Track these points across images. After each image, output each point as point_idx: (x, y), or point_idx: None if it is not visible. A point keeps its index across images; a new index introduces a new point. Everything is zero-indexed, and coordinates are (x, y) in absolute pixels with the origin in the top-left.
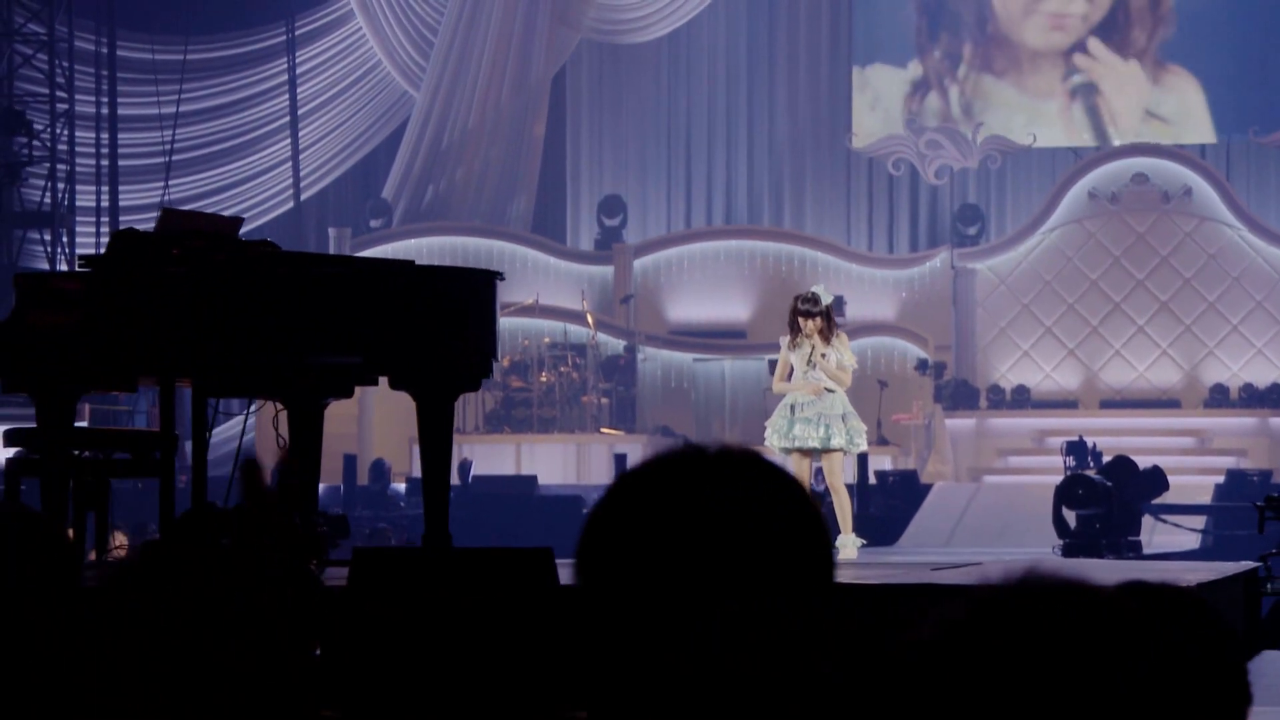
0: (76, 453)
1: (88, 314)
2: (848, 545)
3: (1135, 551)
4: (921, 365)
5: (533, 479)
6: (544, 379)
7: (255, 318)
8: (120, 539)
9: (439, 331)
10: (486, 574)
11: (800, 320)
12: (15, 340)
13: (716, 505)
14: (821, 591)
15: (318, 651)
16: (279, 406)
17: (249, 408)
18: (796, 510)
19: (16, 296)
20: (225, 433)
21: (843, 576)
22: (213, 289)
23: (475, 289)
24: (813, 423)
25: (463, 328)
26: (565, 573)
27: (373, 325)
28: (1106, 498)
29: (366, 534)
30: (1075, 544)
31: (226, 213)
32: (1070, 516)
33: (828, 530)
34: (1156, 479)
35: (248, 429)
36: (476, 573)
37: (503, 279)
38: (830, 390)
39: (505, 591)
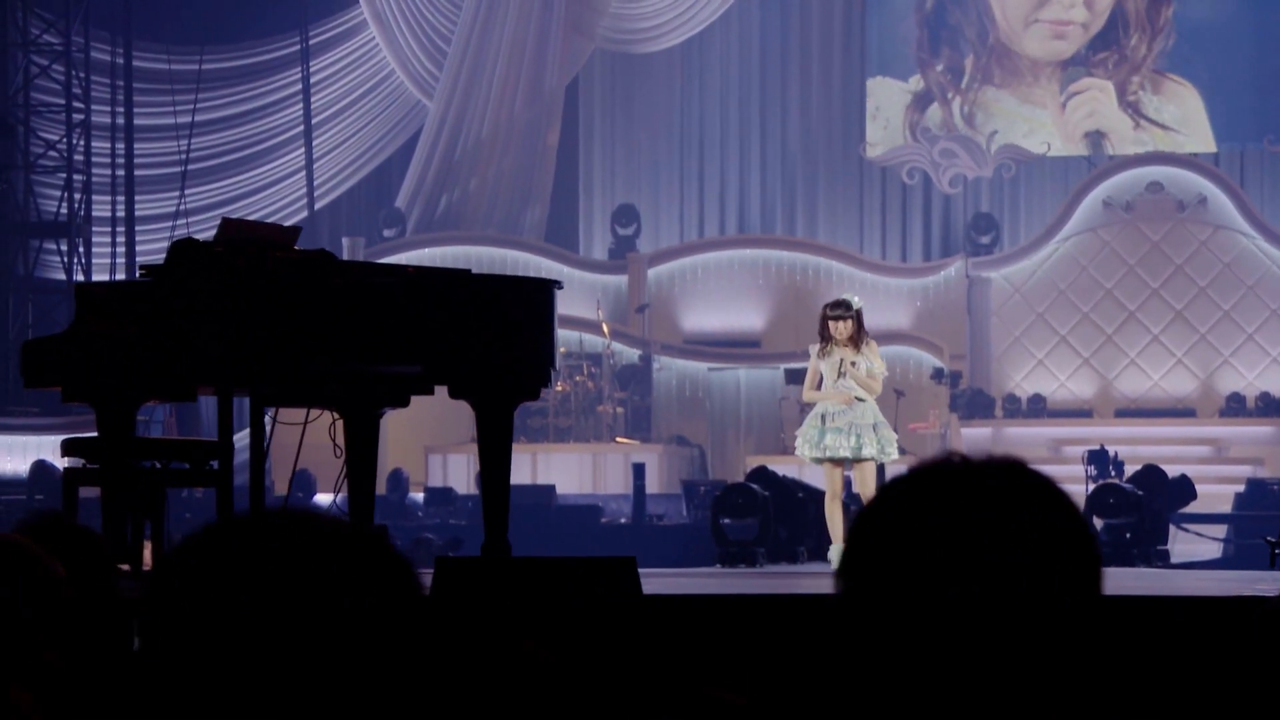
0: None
1: (148, 323)
2: None
3: (1164, 561)
4: (937, 374)
5: (551, 489)
6: (560, 388)
7: (314, 327)
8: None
9: (498, 340)
10: (570, 582)
11: (831, 324)
12: (76, 350)
13: (986, 514)
14: (1089, 603)
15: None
16: (335, 415)
17: (308, 417)
18: (1064, 521)
19: (77, 306)
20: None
21: None
22: (271, 298)
23: (534, 297)
24: (844, 432)
25: (522, 336)
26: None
27: (432, 334)
28: (1137, 507)
29: (413, 543)
30: (1106, 553)
31: None
32: (1096, 525)
33: (1097, 541)
34: (1185, 488)
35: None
36: (560, 581)
37: (561, 288)
38: (861, 399)
39: (589, 600)
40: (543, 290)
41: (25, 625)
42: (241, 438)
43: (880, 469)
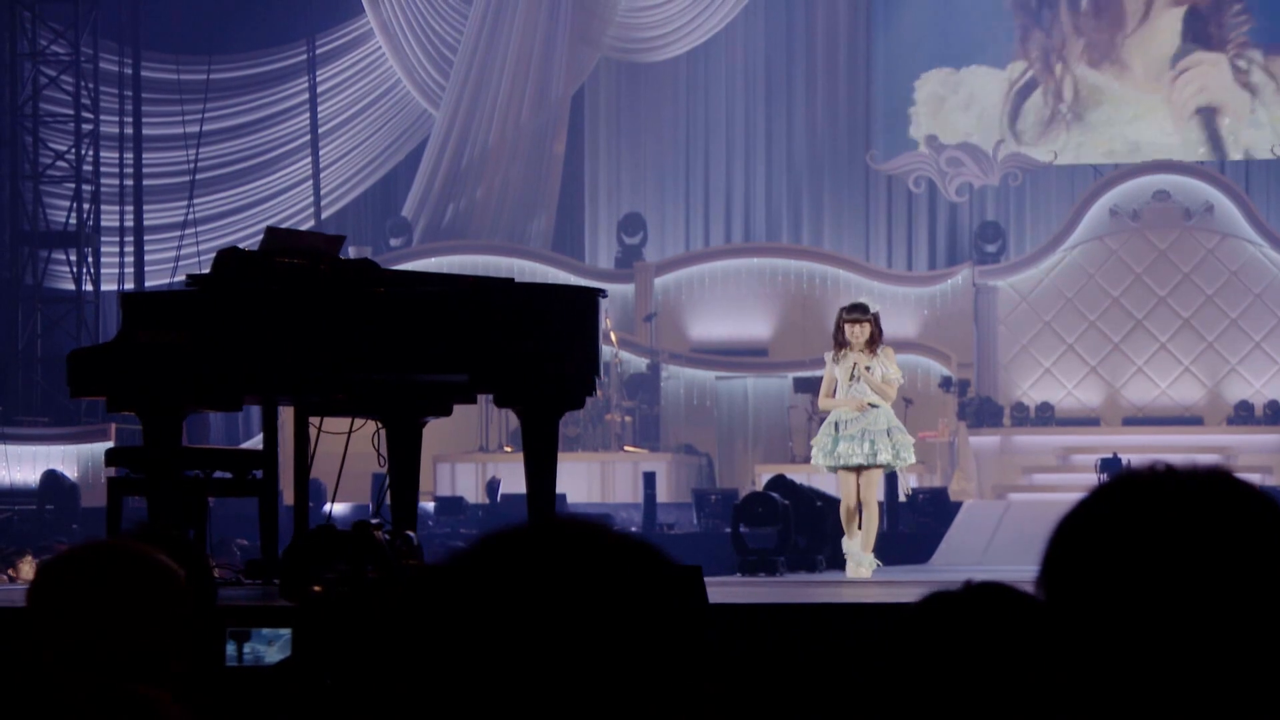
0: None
1: (194, 333)
2: (864, 564)
3: None
4: (945, 383)
5: (562, 498)
6: None
7: (359, 336)
8: None
9: (543, 348)
10: None
11: (847, 328)
12: (123, 359)
13: (1195, 523)
14: None
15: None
16: (378, 425)
17: (355, 428)
18: (1275, 530)
19: (124, 315)
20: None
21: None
22: (316, 308)
23: (578, 306)
24: (857, 439)
25: (567, 344)
26: None
27: (477, 343)
28: None
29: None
30: None
31: (249, 230)
32: None
33: None
34: None
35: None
36: None
37: (605, 296)
38: (874, 405)
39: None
40: (587, 298)
41: (159, 633)
42: (258, 444)
43: (892, 475)
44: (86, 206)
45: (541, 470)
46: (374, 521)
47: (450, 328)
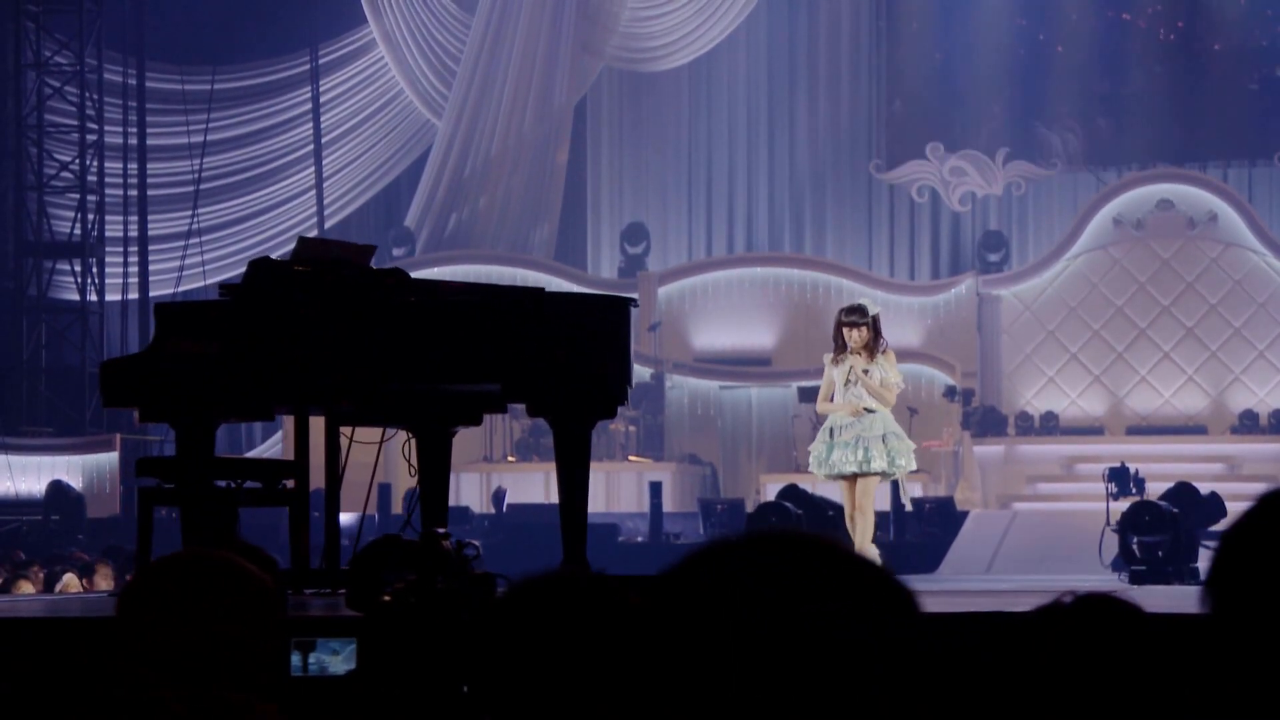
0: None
1: (227, 344)
2: None
3: (1196, 578)
4: (949, 392)
5: None
6: None
7: (392, 346)
8: None
9: (575, 358)
10: None
11: (845, 331)
12: (155, 370)
13: None
14: None
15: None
16: (409, 434)
17: (381, 438)
18: None
19: (156, 326)
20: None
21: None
22: (348, 317)
23: (609, 315)
24: (850, 446)
25: (599, 354)
26: None
27: (509, 352)
28: (1172, 524)
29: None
30: (1143, 571)
31: (252, 240)
32: (1131, 542)
33: None
34: (1215, 506)
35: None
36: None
37: (636, 305)
38: (870, 410)
39: None
40: (619, 308)
41: (252, 642)
42: (260, 453)
43: (894, 485)
44: (91, 217)
45: (574, 479)
46: (442, 531)
47: (483, 337)
